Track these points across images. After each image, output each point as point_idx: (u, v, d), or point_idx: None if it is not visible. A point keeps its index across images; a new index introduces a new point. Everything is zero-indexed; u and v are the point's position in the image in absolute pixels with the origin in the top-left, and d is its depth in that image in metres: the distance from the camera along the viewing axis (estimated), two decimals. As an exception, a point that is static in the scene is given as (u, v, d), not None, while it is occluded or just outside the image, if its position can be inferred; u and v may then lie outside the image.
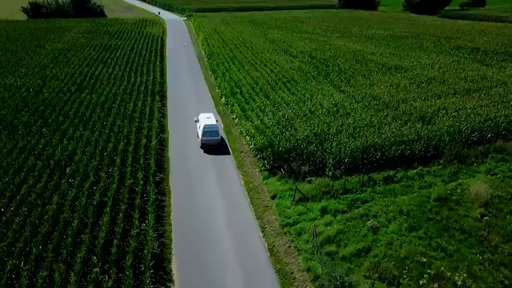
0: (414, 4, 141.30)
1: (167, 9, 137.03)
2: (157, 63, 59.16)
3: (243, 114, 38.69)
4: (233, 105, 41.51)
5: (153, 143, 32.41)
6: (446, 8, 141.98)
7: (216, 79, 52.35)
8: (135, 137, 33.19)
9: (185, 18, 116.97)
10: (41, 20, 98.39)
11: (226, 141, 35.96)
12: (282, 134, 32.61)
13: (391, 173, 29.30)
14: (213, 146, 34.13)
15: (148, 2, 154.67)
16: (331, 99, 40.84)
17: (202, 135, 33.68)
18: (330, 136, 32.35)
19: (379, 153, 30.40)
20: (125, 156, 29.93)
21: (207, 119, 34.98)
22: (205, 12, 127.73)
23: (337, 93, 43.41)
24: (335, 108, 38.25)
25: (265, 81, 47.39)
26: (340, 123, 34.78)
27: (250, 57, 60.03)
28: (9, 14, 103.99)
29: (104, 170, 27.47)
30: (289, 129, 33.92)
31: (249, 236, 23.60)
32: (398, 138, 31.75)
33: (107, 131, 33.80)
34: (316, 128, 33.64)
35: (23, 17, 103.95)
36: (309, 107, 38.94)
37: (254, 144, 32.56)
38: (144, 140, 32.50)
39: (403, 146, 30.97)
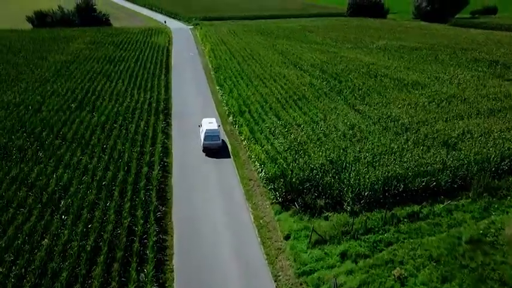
0: (424, 12, 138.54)
1: (173, 17, 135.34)
2: (162, 76, 56.93)
3: (251, 136, 36.21)
4: (241, 125, 39.04)
5: (155, 172, 30.00)
6: (457, 16, 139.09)
7: (223, 95, 49.98)
8: (136, 164, 30.79)
9: (192, 26, 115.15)
10: (45, 29, 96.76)
11: (232, 158, 33.48)
12: (295, 162, 30.08)
13: (416, 208, 26.63)
14: (214, 149, 35.36)
15: (154, 10, 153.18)
16: (346, 120, 38.25)
17: (204, 140, 35.09)
18: (347, 164, 29.75)
19: (402, 185, 27.76)
20: (124, 188, 27.52)
21: (209, 123, 36.14)
22: (212, 21, 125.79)
23: (351, 112, 40.80)
24: (351, 131, 35.63)
25: (275, 99, 44.91)
26: (357, 149, 32.17)
27: (259, 71, 57.65)
28: (16, 23, 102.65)
29: (100, 205, 25.04)
30: (303, 155, 31.39)
31: (261, 286, 21.00)
32: (422, 168, 29.06)
33: (106, 157, 31.44)
34: (331, 154, 31.06)
35: (28, 26, 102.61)
36: (323, 129, 36.37)
37: (265, 173, 30.04)
38: (145, 169, 30.10)
39: (428, 177, 28.28)
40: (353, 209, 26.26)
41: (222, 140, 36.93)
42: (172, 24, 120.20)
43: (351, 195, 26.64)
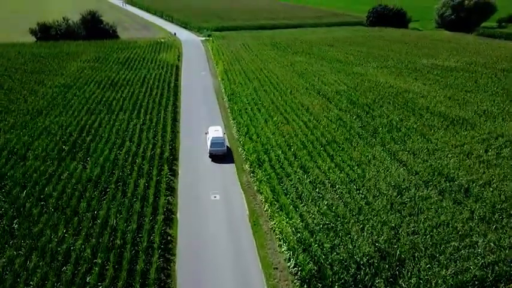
0: (449, 21, 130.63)
1: (184, 27, 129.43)
2: (170, 107, 50.43)
3: (274, 199, 29.52)
4: (261, 181, 32.33)
5: (154, 260, 23.39)
6: (482, 25, 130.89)
7: (239, 130, 43.25)
8: (130, 248, 24.26)
9: (203, 38, 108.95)
10: (48, 43, 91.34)
11: (251, 230, 26.78)
12: (334, 251, 23.30)
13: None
14: (220, 155, 38.11)
15: (165, 19, 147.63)
16: (389, 177, 31.39)
17: (211, 146, 37.75)
18: (401, 255, 22.89)
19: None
20: (112, 286, 21.05)
21: (215, 131, 38.76)
22: (224, 31, 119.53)
23: (394, 164, 33.84)
24: (399, 197, 28.74)
25: (300, 142, 38.15)
26: (411, 227, 25.27)
27: (278, 101, 50.93)
28: (20, 35, 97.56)
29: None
30: (342, 236, 24.61)
31: None
32: (505, 267, 22.03)
33: (93, 240, 24.90)
34: (379, 237, 24.23)
35: (31, 39, 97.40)
36: (362, 192, 29.54)
37: (295, 265, 23.31)
38: (142, 258, 23.51)
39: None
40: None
41: (227, 146, 39.71)
42: (183, 35, 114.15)
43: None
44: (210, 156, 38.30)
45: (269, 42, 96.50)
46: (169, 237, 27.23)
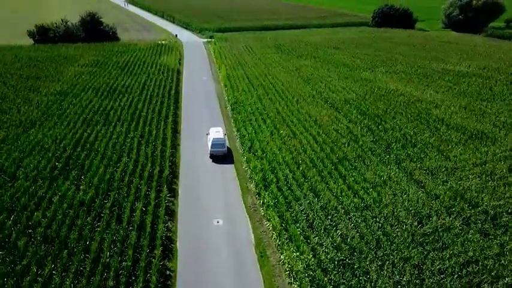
0: (456, 21, 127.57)
1: (186, 28, 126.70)
2: (170, 117, 47.90)
3: (282, 228, 27.03)
4: (268, 206, 29.82)
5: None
6: (490, 25, 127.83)
7: (242, 144, 40.73)
8: (124, 290, 21.85)
9: (205, 40, 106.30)
10: (46, 46, 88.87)
11: (258, 265, 24.30)
12: (352, 295, 20.83)
13: None
14: (220, 156, 38.72)
15: (166, 19, 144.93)
16: (408, 203, 28.85)
17: (211, 147, 38.35)
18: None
19: None
20: None
21: (216, 132, 39.36)
22: (226, 33, 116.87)
23: (412, 187, 31.28)
24: (420, 227, 26.20)
25: (309, 160, 35.59)
26: (436, 265, 22.75)
27: (284, 111, 48.36)
28: (19, 37, 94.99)
29: None
30: (359, 275, 22.10)
31: None
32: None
33: (83, 280, 22.44)
34: (401, 277, 21.71)
35: (29, 41, 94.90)
36: (379, 220, 27.02)
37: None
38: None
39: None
40: None
41: (228, 147, 40.56)
42: (184, 36, 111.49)
43: None
44: (210, 157, 39.04)
45: (273, 45, 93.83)
46: (168, 272, 24.79)
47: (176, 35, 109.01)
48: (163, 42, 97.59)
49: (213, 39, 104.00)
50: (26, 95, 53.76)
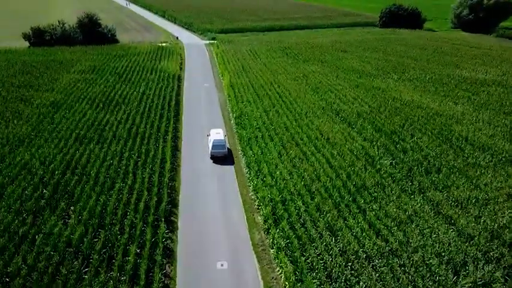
0: (466, 21, 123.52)
1: (187, 28, 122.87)
2: (169, 134, 44.31)
3: (296, 279, 23.51)
4: (278, 248, 26.27)
5: None
6: (501, 25, 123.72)
7: (248, 166, 37.21)
8: None
9: (207, 41, 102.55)
10: (42, 49, 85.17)
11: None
12: None
13: None
14: (221, 157, 39.38)
15: (167, 19, 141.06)
16: (437, 244, 25.32)
17: (212, 148, 39.08)
18: None
19: None
20: None
21: (217, 134, 40.11)
22: (229, 34, 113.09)
23: (440, 223, 27.74)
24: (457, 279, 22.66)
25: (323, 189, 32.02)
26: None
27: (292, 126, 44.77)
28: (17, 39, 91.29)
29: None
30: None
31: None
32: None
33: None
34: None
35: (25, 43, 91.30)
36: (408, 270, 23.46)
37: None
38: None
39: None
40: None
41: (228, 148, 41.30)
42: (186, 37, 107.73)
43: None
44: (211, 158, 39.58)
45: (277, 47, 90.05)
46: (165, 334, 21.37)
47: (177, 37, 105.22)
48: (163, 44, 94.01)
49: (215, 41, 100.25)
50: (16, 107, 50.27)
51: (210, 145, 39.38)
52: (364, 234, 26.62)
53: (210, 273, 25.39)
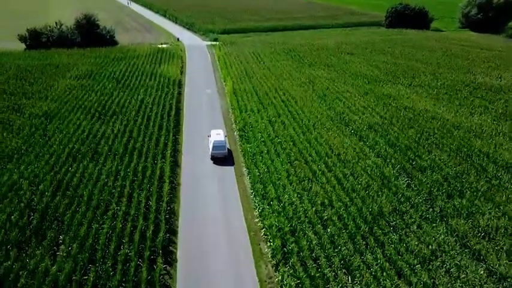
0: (475, 21, 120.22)
1: (188, 29, 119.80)
2: (169, 150, 41.46)
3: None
4: (289, 290, 23.51)
5: None
6: (510, 25, 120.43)
7: (253, 188, 34.46)
8: None
9: (209, 43, 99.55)
10: (38, 52, 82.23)
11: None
12: None
13: None
14: (221, 157, 39.49)
15: (169, 19, 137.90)
16: (467, 286, 22.49)
17: (212, 149, 39.26)
18: None
19: None
20: None
21: (217, 135, 40.28)
22: (231, 34, 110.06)
23: (467, 260, 24.93)
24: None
25: (336, 216, 29.21)
26: None
27: (300, 140, 41.91)
28: (14, 40, 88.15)
29: None
30: None
31: None
32: None
33: None
34: None
35: (22, 45, 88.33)
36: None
37: None
38: None
39: None
40: None
41: (228, 149, 41.38)
42: (187, 38, 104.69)
43: None
44: (211, 159, 39.72)
45: (281, 50, 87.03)
46: None
47: (178, 39, 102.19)
48: (164, 46, 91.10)
49: (217, 43, 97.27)
50: (7, 118, 47.49)
51: (211, 146, 39.61)
52: (384, 274, 23.83)
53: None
